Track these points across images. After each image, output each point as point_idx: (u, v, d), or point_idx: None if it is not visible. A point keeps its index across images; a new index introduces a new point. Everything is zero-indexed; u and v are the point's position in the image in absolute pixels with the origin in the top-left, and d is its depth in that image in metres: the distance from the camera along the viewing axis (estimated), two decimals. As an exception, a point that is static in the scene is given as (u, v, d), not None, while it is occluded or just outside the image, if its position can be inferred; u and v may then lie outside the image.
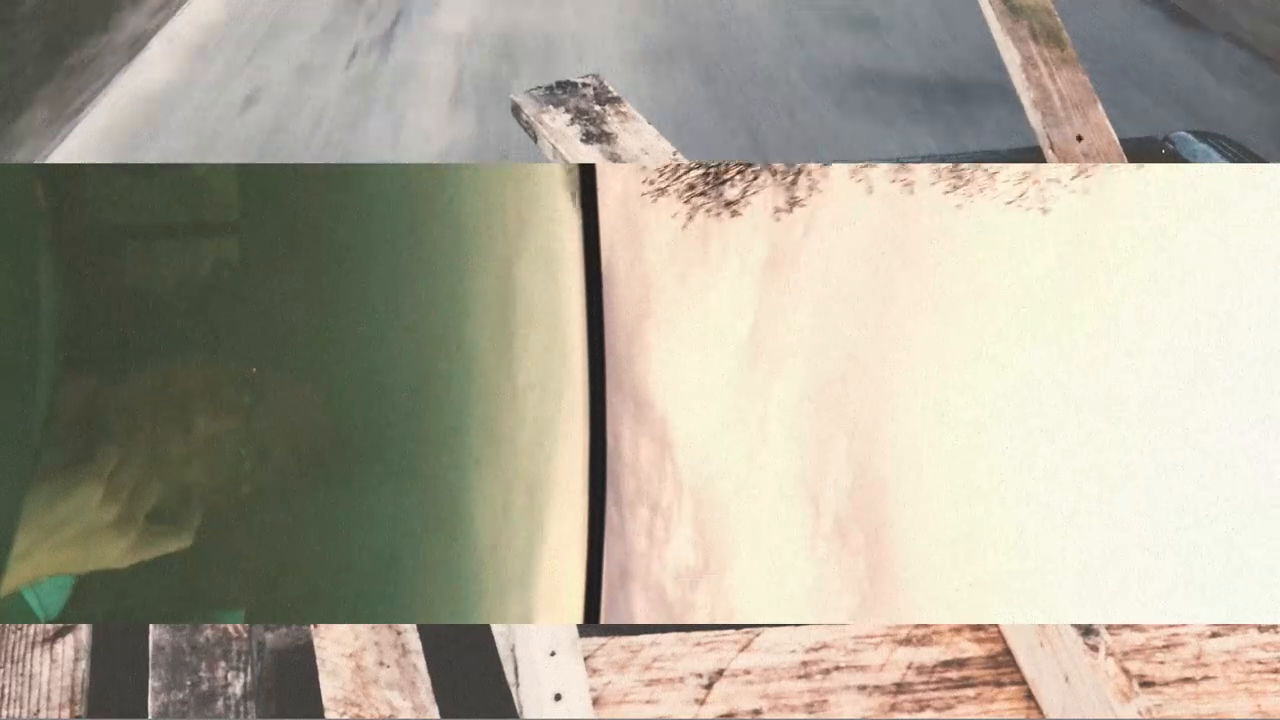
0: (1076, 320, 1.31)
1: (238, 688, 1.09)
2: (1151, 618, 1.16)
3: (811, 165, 1.29)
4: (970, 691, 1.06)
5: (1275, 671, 1.01)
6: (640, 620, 1.23)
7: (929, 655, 1.08)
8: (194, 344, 1.09)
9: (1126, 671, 0.99)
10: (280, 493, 1.10)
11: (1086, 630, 1.01)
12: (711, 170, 1.32)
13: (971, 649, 1.09)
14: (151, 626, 1.13)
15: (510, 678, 1.09)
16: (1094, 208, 1.34)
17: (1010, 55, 1.65)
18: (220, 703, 1.08)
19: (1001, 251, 1.32)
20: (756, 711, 1.04)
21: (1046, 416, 1.30)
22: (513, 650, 1.08)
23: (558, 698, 1.02)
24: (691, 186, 1.38)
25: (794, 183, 1.30)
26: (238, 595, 1.09)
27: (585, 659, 1.07)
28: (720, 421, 1.34)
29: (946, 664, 1.08)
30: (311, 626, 1.13)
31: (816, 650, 1.09)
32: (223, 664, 1.11)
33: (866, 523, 1.25)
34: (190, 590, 1.06)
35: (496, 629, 1.15)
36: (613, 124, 1.65)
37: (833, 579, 1.27)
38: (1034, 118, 1.58)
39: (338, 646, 1.10)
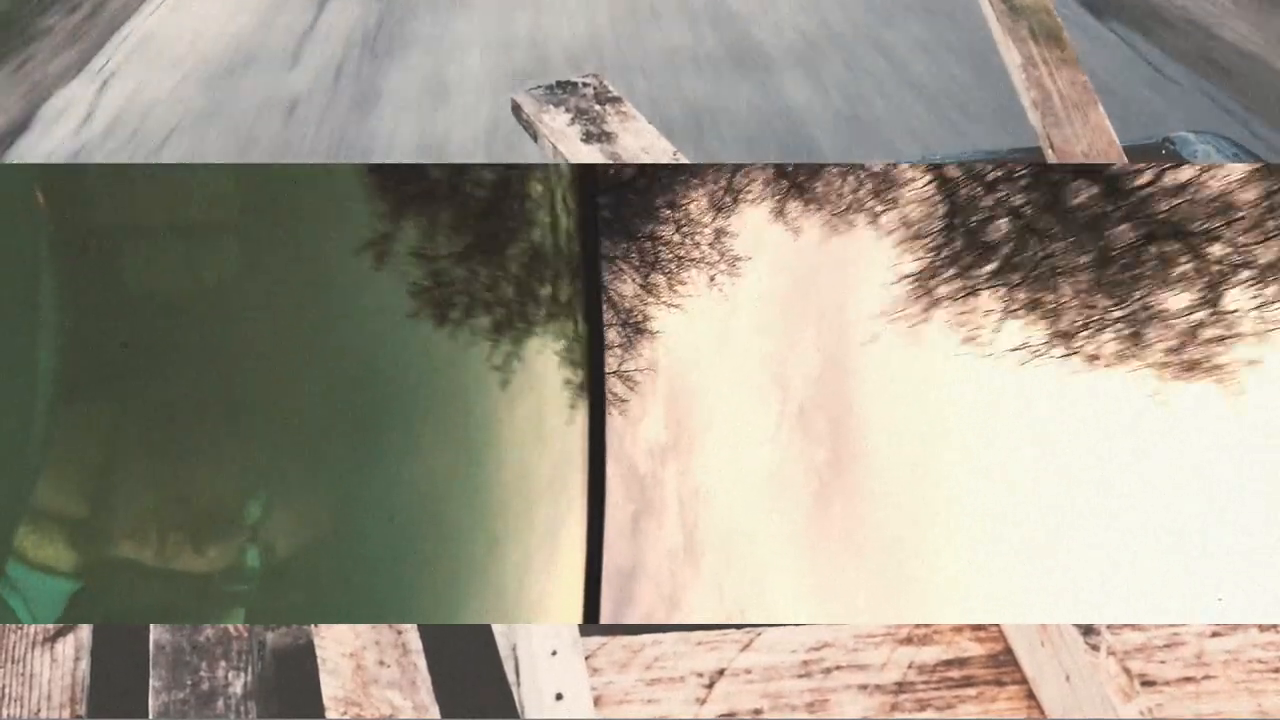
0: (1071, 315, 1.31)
1: (238, 687, 1.09)
2: (1152, 618, 1.16)
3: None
4: (971, 691, 1.06)
5: (1275, 671, 1.01)
6: (614, 494, 1.26)
7: (930, 654, 1.08)
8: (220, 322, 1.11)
9: (1128, 671, 0.99)
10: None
11: (1087, 630, 1.01)
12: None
13: (973, 648, 1.09)
14: (152, 626, 1.12)
15: (511, 677, 1.09)
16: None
17: (1010, 55, 1.65)
18: (221, 702, 1.08)
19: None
20: (757, 711, 1.03)
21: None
22: (513, 650, 1.07)
23: (559, 697, 1.02)
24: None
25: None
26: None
27: (586, 658, 1.07)
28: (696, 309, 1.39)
29: (948, 663, 1.08)
30: (312, 626, 1.12)
31: (817, 650, 1.08)
32: (223, 664, 1.11)
33: (830, 410, 1.27)
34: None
35: (497, 629, 1.14)
36: (613, 123, 1.65)
37: (794, 463, 1.29)
38: (1034, 118, 1.57)
39: (338, 646, 1.10)
